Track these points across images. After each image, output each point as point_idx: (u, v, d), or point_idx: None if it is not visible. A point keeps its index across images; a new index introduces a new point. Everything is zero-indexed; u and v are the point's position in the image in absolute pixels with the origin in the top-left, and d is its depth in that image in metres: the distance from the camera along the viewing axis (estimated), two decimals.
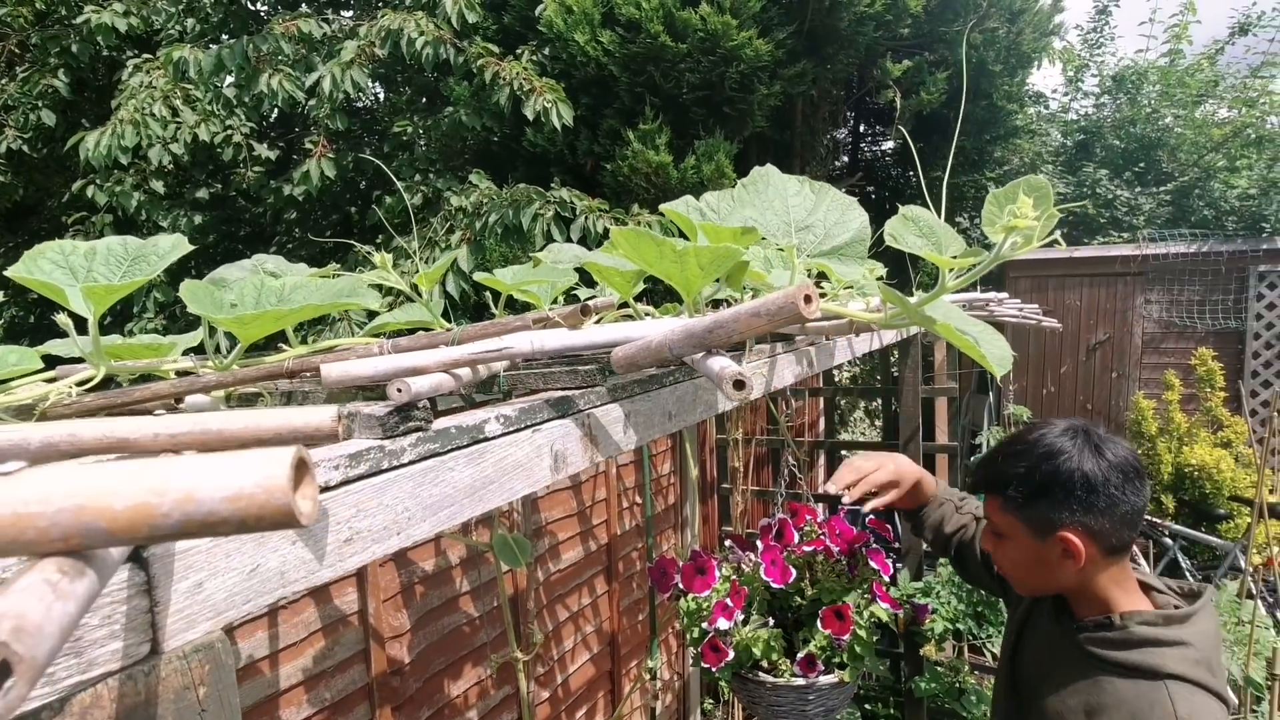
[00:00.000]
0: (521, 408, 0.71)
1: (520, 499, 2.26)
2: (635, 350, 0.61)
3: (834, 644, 1.37)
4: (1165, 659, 1.02)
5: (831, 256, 0.86)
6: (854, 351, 1.97)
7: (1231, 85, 7.70)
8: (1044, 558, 1.10)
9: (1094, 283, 5.77)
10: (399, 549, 0.56)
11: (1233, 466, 4.74)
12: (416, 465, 0.57)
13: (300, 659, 1.60)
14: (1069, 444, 1.08)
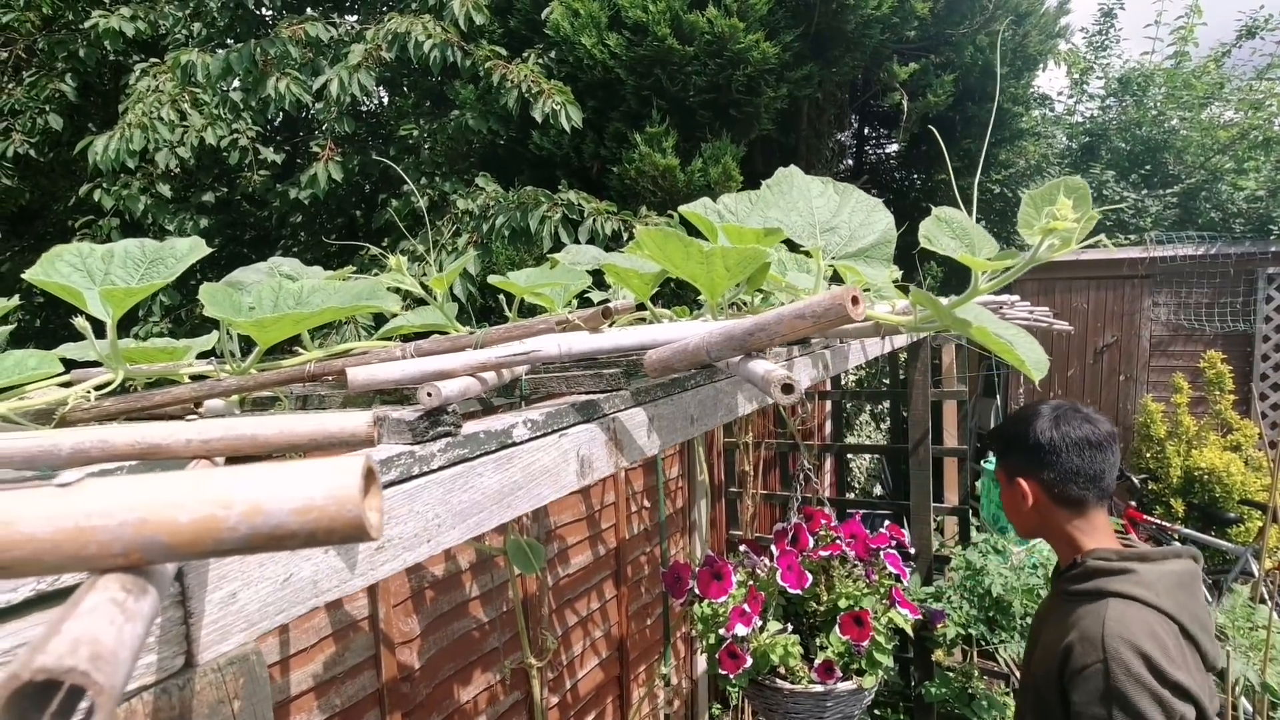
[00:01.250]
0: (548, 412, 0.70)
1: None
2: (671, 354, 0.59)
3: (853, 650, 1.35)
4: (1109, 584, 1.27)
5: (857, 259, 0.84)
6: (866, 354, 1.96)
7: (1237, 88, 7.68)
8: (1013, 499, 1.43)
9: (1101, 285, 5.75)
10: (428, 557, 0.54)
11: (1243, 470, 4.72)
12: (446, 471, 0.56)
13: (311, 665, 1.59)
14: (1041, 418, 1.40)
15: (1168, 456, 5.00)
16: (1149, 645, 1.18)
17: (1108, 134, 7.64)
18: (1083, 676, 1.21)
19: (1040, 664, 1.34)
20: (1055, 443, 1.36)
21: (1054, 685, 1.28)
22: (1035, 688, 1.35)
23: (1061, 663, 1.26)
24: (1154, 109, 7.43)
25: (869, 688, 1.37)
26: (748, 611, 1.35)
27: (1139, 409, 5.38)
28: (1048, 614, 1.40)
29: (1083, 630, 1.24)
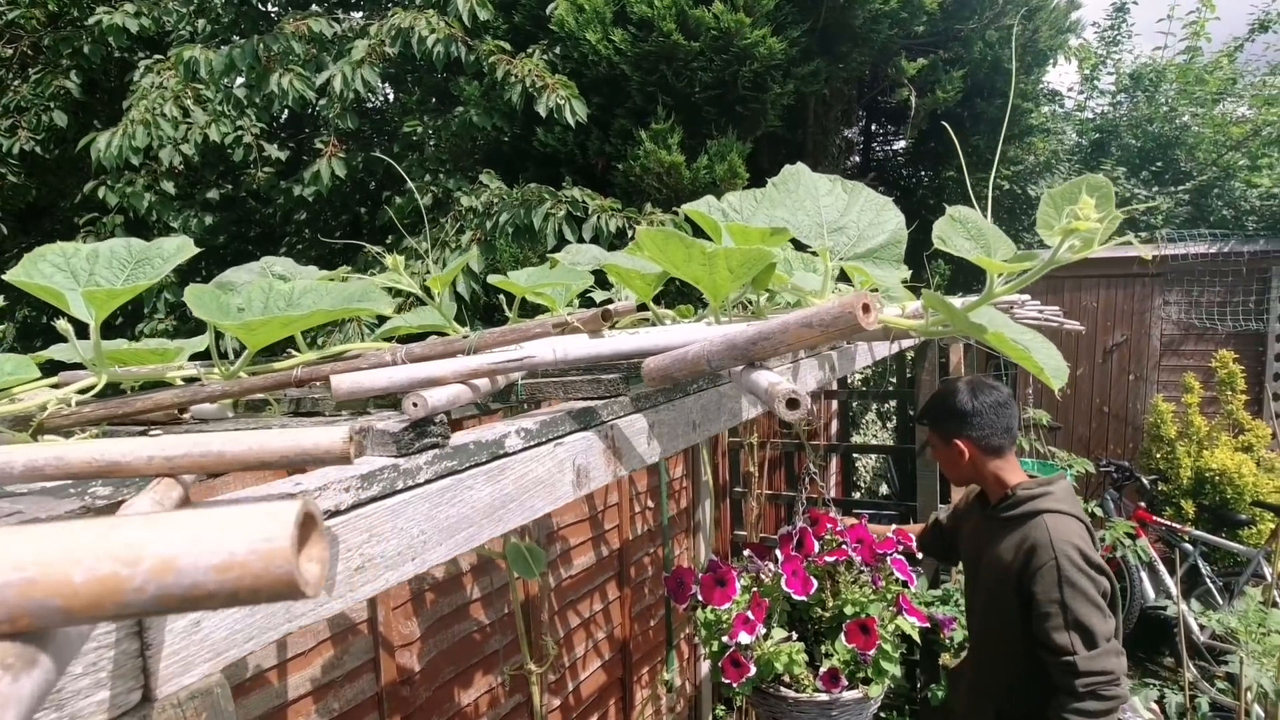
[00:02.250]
0: (543, 420, 0.67)
1: None
2: (670, 362, 0.57)
3: (858, 658, 1.32)
4: (1039, 503, 1.71)
5: (866, 260, 0.81)
6: (874, 355, 1.92)
7: (1250, 83, 7.58)
8: (951, 457, 1.84)
9: (1111, 284, 5.69)
10: (412, 575, 0.52)
11: (1254, 471, 4.66)
12: (433, 485, 0.54)
13: (309, 669, 1.57)
14: (961, 392, 1.85)
15: (1178, 457, 4.94)
16: (1079, 541, 1.66)
17: (1118, 130, 7.55)
18: (1041, 573, 1.62)
19: (991, 577, 1.74)
20: (977, 407, 1.81)
21: (1010, 588, 1.68)
22: (987, 598, 1.75)
23: (1020, 568, 1.66)
24: (1165, 105, 7.34)
25: (875, 696, 1.34)
26: (751, 619, 1.32)
27: (1149, 409, 5.32)
28: (985, 540, 1.79)
29: (1034, 540, 1.66)
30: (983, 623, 1.78)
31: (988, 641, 1.80)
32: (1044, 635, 1.61)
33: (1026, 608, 1.65)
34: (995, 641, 1.78)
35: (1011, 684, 1.74)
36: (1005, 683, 1.76)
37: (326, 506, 0.45)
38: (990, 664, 1.79)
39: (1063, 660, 1.57)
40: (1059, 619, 1.58)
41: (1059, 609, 1.58)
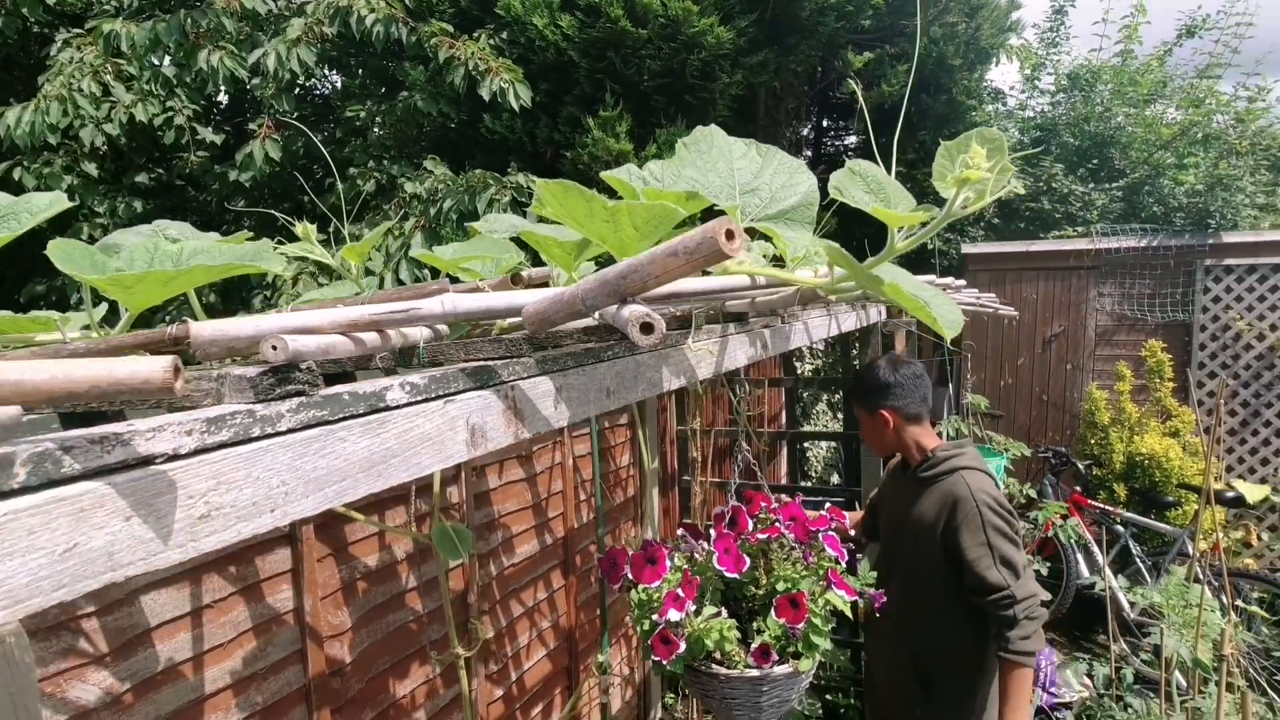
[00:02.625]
0: (432, 376, 0.64)
1: (469, 491, 2.18)
2: (547, 304, 0.55)
3: (789, 633, 1.33)
4: (955, 462, 1.95)
5: (778, 220, 0.81)
6: (811, 335, 1.93)
7: (1179, 86, 7.91)
8: (876, 427, 2.05)
9: (1049, 276, 5.88)
10: (273, 528, 0.49)
11: (1181, 455, 4.86)
12: (298, 434, 0.51)
13: (228, 661, 1.51)
14: (882, 367, 2.08)
15: (1111, 443, 5.13)
16: (995, 492, 1.89)
17: (1057, 129, 7.80)
18: (967, 524, 1.83)
19: (916, 531, 1.95)
20: (898, 380, 2.03)
21: (936, 541, 1.89)
22: (912, 550, 1.96)
23: (947, 523, 1.87)
24: (1101, 105, 7.61)
25: (805, 670, 1.35)
26: (681, 596, 1.31)
27: (1085, 397, 5.51)
28: (909, 500, 2.01)
29: (956, 496, 1.87)
30: (905, 575, 1.98)
31: (909, 592, 1.97)
32: (977, 579, 1.79)
33: (949, 555, 1.87)
34: (916, 591, 1.96)
35: (929, 630, 1.95)
36: (924, 630, 1.96)
37: (163, 449, 0.42)
38: (910, 613, 1.98)
39: (1000, 596, 1.76)
40: (989, 559, 1.79)
41: (987, 550, 1.80)
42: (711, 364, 1.23)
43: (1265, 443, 5.28)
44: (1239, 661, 3.06)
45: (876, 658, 2.17)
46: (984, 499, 1.85)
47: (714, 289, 0.77)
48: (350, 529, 1.81)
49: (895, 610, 2.01)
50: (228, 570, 1.51)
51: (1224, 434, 5.40)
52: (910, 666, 1.99)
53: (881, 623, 2.07)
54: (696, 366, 1.17)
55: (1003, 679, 1.80)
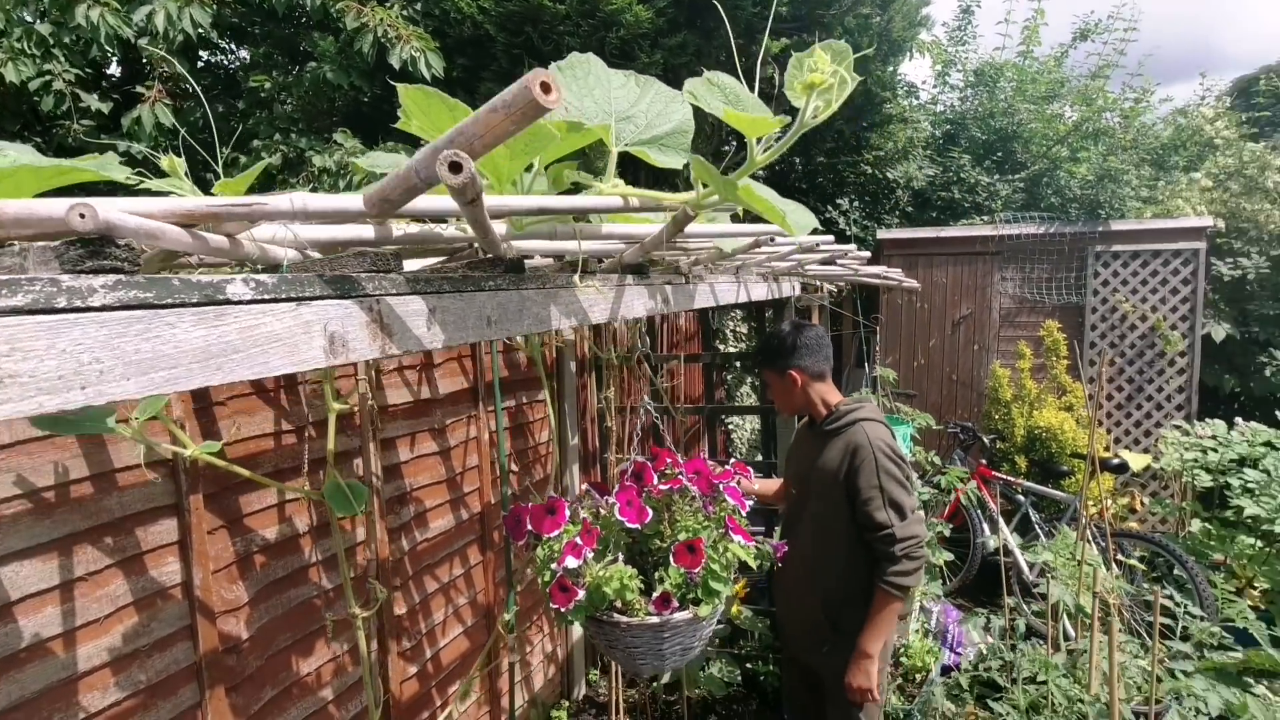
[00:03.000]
0: (283, 276, 0.62)
1: (381, 464, 2.12)
2: (385, 183, 0.53)
3: (689, 580, 1.35)
4: (856, 414, 2.12)
5: (652, 145, 0.81)
6: (717, 298, 1.97)
7: (1074, 87, 8.41)
8: (785, 388, 2.19)
9: (958, 261, 6.16)
10: (88, 404, 0.46)
11: (1074, 428, 5.19)
12: (116, 313, 0.48)
13: (105, 637, 1.42)
14: (787, 333, 2.20)
15: (1013, 418, 5.42)
16: (891, 441, 2.06)
17: (966, 123, 8.17)
18: (863, 468, 2.00)
19: (822, 479, 2.09)
20: (804, 341, 2.17)
21: (839, 485, 2.05)
22: (819, 498, 2.10)
23: (848, 467, 2.03)
24: (1004, 101, 8.02)
25: (705, 616, 1.37)
26: (580, 544, 1.32)
27: (990, 375, 5.81)
28: (815, 451, 2.15)
29: (855, 443, 2.04)
30: (813, 522, 2.13)
31: (817, 537, 2.12)
32: (867, 517, 1.99)
33: (850, 499, 2.04)
34: (823, 537, 2.11)
35: (836, 572, 2.10)
36: (832, 572, 2.11)
37: None
38: (818, 557, 2.12)
39: (883, 533, 1.96)
40: (879, 500, 1.98)
41: (878, 492, 1.98)
42: (606, 309, 1.24)
43: (1148, 416, 5.70)
44: (1120, 612, 3.31)
45: (788, 602, 2.26)
46: (880, 446, 2.02)
47: (586, 207, 0.77)
48: (245, 499, 1.74)
49: (804, 556, 2.14)
50: (103, 541, 1.42)
51: (1113, 409, 5.80)
52: (820, 607, 2.12)
53: (791, 569, 2.17)
54: (589, 309, 1.18)
55: (874, 605, 2.01)
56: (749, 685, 3.50)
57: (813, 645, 2.19)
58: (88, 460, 1.40)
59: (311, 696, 1.94)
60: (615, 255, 1.32)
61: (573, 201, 0.77)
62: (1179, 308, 5.53)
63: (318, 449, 1.88)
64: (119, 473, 1.45)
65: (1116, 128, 7.73)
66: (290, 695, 1.88)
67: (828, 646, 2.15)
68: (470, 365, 2.60)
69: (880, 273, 2.94)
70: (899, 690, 3.19)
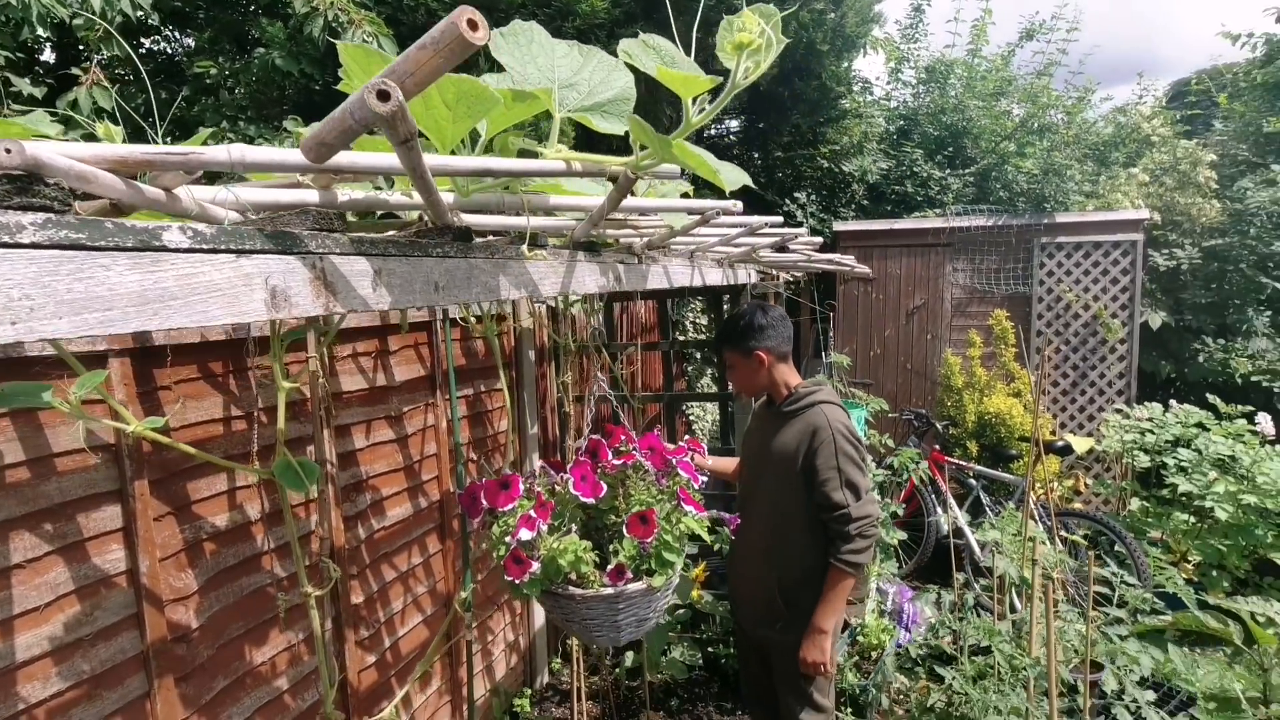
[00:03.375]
0: (221, 228, 0.62)
1: (336, 451, 2.10)
2: (320, 126, 0.54)
3: (642, 551, 1.37)
4: (816, 397, 2.16)
5: (594, 111, 0.83)
6: (671, 280, 1.99)
7: (1021, 86, 8.68)
8: (750, 369, 2.21)
9: (912, 253, 6.31)
10: (19, 340, 0.46)
11: (1022, 413, 5.37)
12: (46, 251, 0.48)
13: (45, 626, 1.39)
14: (752, 313, 2.22)
15: (964, 404, 5.59)
16: (848, 423, 2.12)
17: (918, 119, 8.37)
18: (822, 449, 2.05)
19: (780, 459, 2.13)
20: (770, 321, 2.21)
21: (796, 466, 2.10)
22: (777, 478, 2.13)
23: (807, 447, 2.08)
24: (955, 98, 8.23)
25: (659, 587, 1.40)
26: (534, 517, 1.33)
27: (942, 363, 5.97)
28: (774, 431, 2.19)
29: (815, 425, 2.09)
30: (770, 502, 2.17)
31: (774, 517, 2.16)
32: (823, 496, 2.04)
33: (808, 479, 2.08)
34: (780, 517, 2.14)
35: (791, 550, 2.13)
36: (787, 550, 2.14)
37: None
38: (774, 537, 2.16)
39: (839, 512, 2.02)
40: (836, 480, 2.03)
41: (836, 473, 2.03)
42: (557, 282, 1.25)
43: (1091, 401, 5.92)
44: (1064, 586, 3.44)
45: (743, 579, 2.29)
46: (839, 428, 2.07)
47: (529, 169, 0.79)
48: (193, 486, 1.70)
49: (760, 534, 2.18)
50: (42, 528, 1.39)
51: (1058, 394, 6.01)
52: (775, 584, 2.16)
53: (746, 547, 2.23)
54: (539, 282, 1.19)
55: (828, 582, 2.06)
56: (710, 668, 3.56)
57: (767, 621, 2.23)
58: (24, 444, 1.36)
59: (266, 686, 1.91)
60: (567, 232, 1.33)
61: (515, 164, 0.78)
62: (1119, 297, 5.76)
63: (268, 435, 1.86)
64: (58, 457, 1.42)
65: (1060, 124, 8.00)
66: (244, 685, 1.85)
67: (782, 623, 2.19)
68: (427, 353, 2.59)
69: (832, 258, 3.00)
70: (855, 668, 3.28)
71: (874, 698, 2.86)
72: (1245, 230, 6.00)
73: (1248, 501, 3.96)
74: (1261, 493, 3.94)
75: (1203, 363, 6.01)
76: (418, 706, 2.58)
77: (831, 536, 2.07)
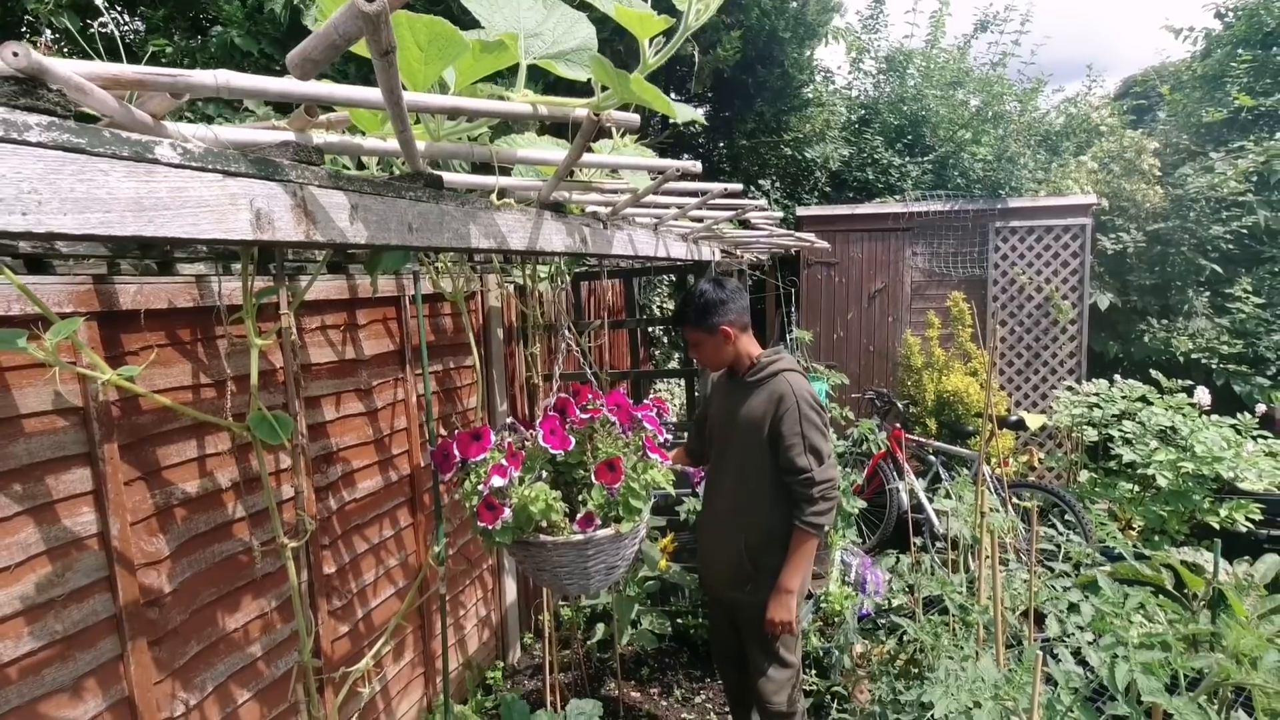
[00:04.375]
0: (209, 149, 0.66)
1: (306, 423, 2.11)
2: (306, 43, 0.58)
3: (610, 499, 1.43)
4: (778, 365, 2.23)
5: (558, 59, 0.88)
6: (635, 248, 2.05)
7: (978, 77, 8.91)
8: (716, 345, 2.25)
9: (873, 237, 6.46)
10: (28, 230, 0.50)
11: (979, 391, 5.56)
12: (51, 151, 0.52)
13: (16, 586, 1.40)
14: (710, 289, 2.24)
15: (924, 383, 5.76)
16: (810, 390, 2.17)
17: (879, 107, 8.53)
18: (787, 416, 2.11)
19: (746, 427, 2.18)
20: (729, 295, 2.24)
21: (763, 433, 2.15)
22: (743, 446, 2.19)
23: (773, 414, 2.14)
24: (914, 88, 8.41)
25: (626, 533, 1.46)
26: (506, 465, 1.38)
27: (902, 343, 6.13)
28: (739, 401, 2.24)
29: (780, 392, 2.15)
30: (737, 469, 2.22)
31: (741, 483, 2.21)
32: (788, 461, 2.10)
33: (774, 445, 2.14)
34: (747, 482, 2.19)
35: (758, 514, 2.19)
36: (753, 514, 2.20)
37: None
38: (741, 501, 2.22)
39: (803, 476, 2.08)
40: (800, 446, 2.09)
41: (800, 439, 2.09)
42: (525, 236, 1.30)
43: (1044, 380, 6.15)
44: (1016, 551, 3.59)
45: (712, 544, 2.36)
46: (803, 395, 2.14)
47: (497, 110, 0.83)
48: (164, 451, 1.71)
49: (728, 500, 2.26)
50: (11, 488, 1.39)
51: (1013, 374, 6.22)
52: (742, 548, 2.22)
53: (714, 514, 2.30)
54: (508, 234, 1.24)
55: (793, 544, 2.13)
56: (679, 639, 3.64)
57: (735, 584, 2.30)
58: None
59: (239, 652, 1.93)
60: (534, 194, 1.38)
61: (484, 104, 0.83)
62: (1069, 279, 5.98)
63: (238, 404, 1.87)
64: (25, 419, 1.42)
65: (1013, 112, 8.23)
66: (217, 650, 1.87)
67: (750, 585, 2.27)
68: (396, 328, 2.61)
69: (793, 234, 3.09)
70: (819, 633, 3.39)
71: (837, 659, 2.97)
72: (1186, 214, 6.27)
73: (1186, 469, 4.17)
74: (1199, 460, 4.15)
75: (1147, 342, 6.27)
76: (391, 677, 2.61)
77: (796, 500, 2.14)
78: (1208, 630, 1.68)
